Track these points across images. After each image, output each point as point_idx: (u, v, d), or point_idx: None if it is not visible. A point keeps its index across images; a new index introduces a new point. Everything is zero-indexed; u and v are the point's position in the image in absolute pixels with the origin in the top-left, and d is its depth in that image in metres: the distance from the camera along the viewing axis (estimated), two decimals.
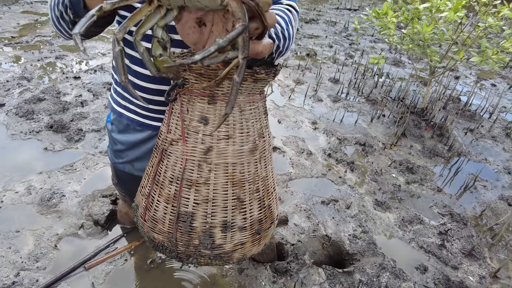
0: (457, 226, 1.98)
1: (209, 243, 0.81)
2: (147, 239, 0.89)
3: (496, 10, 2.42)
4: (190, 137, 0.77)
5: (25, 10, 4.51)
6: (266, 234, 0.92)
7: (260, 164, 0.86)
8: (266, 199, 0.89)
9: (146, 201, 0.85)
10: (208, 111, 0.76)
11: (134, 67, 0.91)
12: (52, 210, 1.71)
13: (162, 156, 0.81)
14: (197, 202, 0.79)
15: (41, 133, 2.23)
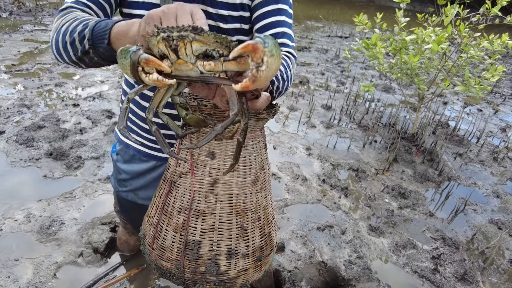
0: (450, 250, 2.03)
1: (214, 270, 0.86)
2: (154, 266, 0.93)
3: (476, 42, 2.57)
4: (198, 170, 0.84)
5: (26, 38, 4.62)
6: (266, 261, 0.97)
7: (261, 194, 0.92)
8: (267, 227, 0.95)
9: (155, 230, 0.90)
10: (215, 147, 0.83)
11: (143, 103, 0.98)
12: (51, 238, 1.72)
13: (171, 188, 0.87)
14: (204, 231, 0.85)
15: (40, 160, 2.26)
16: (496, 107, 4.40)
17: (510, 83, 5.56)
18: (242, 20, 0.93)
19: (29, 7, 5.94)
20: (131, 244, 1.66)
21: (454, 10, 2.58)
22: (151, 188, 1.13)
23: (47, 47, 4.39)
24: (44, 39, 4.68)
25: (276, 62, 0.48)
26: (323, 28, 7.91)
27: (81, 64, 0.78)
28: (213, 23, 0.90)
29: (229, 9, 0.89)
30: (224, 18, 0.90)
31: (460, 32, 2.53)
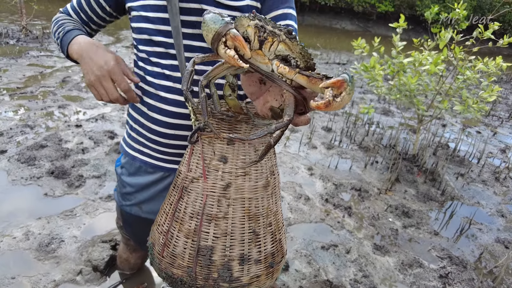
0: (457, 269, 1.98)
1: (227, 276, 0.84)
2: (164, 275, 0.90)
3: (472, 64, 2.64)
4: (211, 174, 0.84)
5: (31, 63, 4.72)
6: (277, 268, 0.95)
7: (272, 199, 0.92)
8: (277, 233, 0.94)
9: (165, 237, 0.88)
10: (227, 151, 0.84)
11: (152, 114, 0.97)
12: (50, 256, 1.68)
13: (182, 193, 0.87)
14: (217, 236, 0.84)
15: (41, 179, 2.25)
16: (494, 129, 4.45)
17: (506, 107, 5.65)
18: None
19: (36, 35, 6.12)
20: (132, 262, 1.62)
21: (448, 34, 2.67)
22: (156, 201, 1.11)
23: (52, 71, 4.49)
24: (49, 64, 4.79)
25: (349, 99, 0.54)
26: (321, 55, 8.13)
27: None
28: None
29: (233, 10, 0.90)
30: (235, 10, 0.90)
31: (455, 54, 2.61)
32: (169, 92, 0.93)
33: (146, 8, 0.88)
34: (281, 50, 0.59)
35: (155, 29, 0.89)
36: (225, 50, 0.56)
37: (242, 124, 0.84)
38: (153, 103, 0.96)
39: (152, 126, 0.97)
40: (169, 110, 0.93)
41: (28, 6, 7.15)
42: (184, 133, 0.96)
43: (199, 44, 0.90)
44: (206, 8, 0.87)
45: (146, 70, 0.95)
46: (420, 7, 12.98)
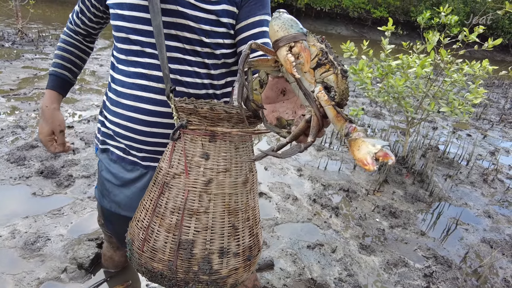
0: (442, 268, 2.00)
1: (207, 269, 0.86)
2: (144, 270, 0.91)
3: (459, 67, 2.69)
4: (192, 170, 0.86)
5: (26, 65, 4.74)
6: (254, 261, 0.97)
7: (250, 195, 0.94)
8: (255, 227, 0.96)
9: (145, 233, 0.90)
10: (209, 148, 0.86)
11: (128, 113, 0.97)
12: (35, 254, 1.69)
13: (163, 189, 0.88)
14: (198, 230, 0.86)
15: (30, 178, 2.26)
16: (484, 133, 4.49)
17: (497, 110, 5.71)
18: (224, 36, 0.95)
19: (32, 38, 6.15)
20: (116, 260, 1.63)
21: (436, 37, 2.72)
22: (135, 199, 1.11)
23: (46, 74, 4.50)
24: (44, 66, 4.81)
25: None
26: None
27: None
28: (196, 37, 0.91)
29: (212, 25, 0.92)
30: (206, 33, 0.92)
31: (442, 57, 2.65)
32: (145, 91, 0.94)
33: (122, 6, 0.90)
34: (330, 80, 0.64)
35: (130, 27, 0.91)
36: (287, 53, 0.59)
37: (224, 122, 0.86)
38: (128, 103, 0.96)
39: (129, 124, 0.98)
40: (145, 108, 0.95)
41: (25, 10, 7.19)
42: (161, 131, 0.98)
43: (174, 44, 0.92)
44: (182, 10, 0.88)
45: (123, 71, 0.97)
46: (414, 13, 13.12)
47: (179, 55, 0.92)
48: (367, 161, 0.56)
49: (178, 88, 0.94)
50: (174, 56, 0.92)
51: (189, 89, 0.94)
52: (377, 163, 0.55)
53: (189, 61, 0.93)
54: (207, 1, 0.90)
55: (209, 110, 0.81)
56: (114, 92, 1.01)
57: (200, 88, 0.95)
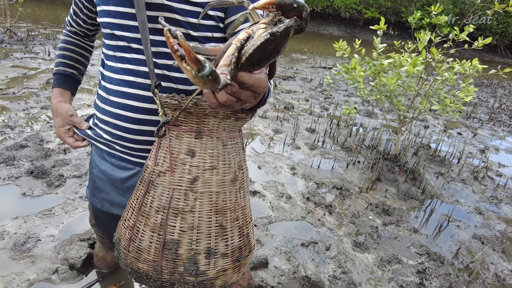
0: (435, 264, 2.02)
1: (193, 270, 0.83)
2: (130, 270, 0.90)
3: (449, 65, 2.72)
4: (178, 168, 0.84)
5: (15, 64, 4.67)
6: (245, 262, 0.95)
7: (239, 194, 0.92)
8: (245, 227, 0.94)
9: (131, 232, 0.88)
10: (195, 145, 0.84)
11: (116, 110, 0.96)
12: (25, 255, 1.66)
13: (149, 187, 0.86)
14: (183, 230, 0.83)
15: (20, 178, 2.22)
16: (474, 131, 4.55)
17: (487, 109, 5.80)
18: (213, 29, 0.93)
19: (21, 37, 6.05)
20: (109, 261, 1.61)
21: (427, 36, 2.75)
22: (127, 197, 1.09)
23: (36, 73, 4.44)
24: (33, 65, 4.74)
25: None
26: (308, 60, 8.21)
27: None
28: (183, 30, 0.89)
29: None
30: (194, 26, 0.90)
31: (433, 56, 2.68)
32: (132, 87, 0.93)
33: (108, 2, 0.89)
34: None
35: (116, 23, 0.90)
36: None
37: (210, 118, 0.84)
38: (116, 99, 0.95)
39: (117, 122, 0.96)
40: (132, 105, 0.93)
41: (14, 9, 7.07)
42: (149, 128, 0.96)
43: (161, 38, 0.90)
44: (167, 3, 0.87)
45: (111, 67, 0.96)
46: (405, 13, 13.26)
47: (167, 50, 0.90)
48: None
49: (166, 84, 0.92)
50: (161, 50, 0.90)
51: (177, 85, 0.92)
52: None
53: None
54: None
55: (194, 105, 0.79)
56: (103, 89, 1.00)
57: (190, 84, 0.93)
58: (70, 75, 1.16)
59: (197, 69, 0.42)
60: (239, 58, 0.51)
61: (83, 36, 1.18)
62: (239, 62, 0.51)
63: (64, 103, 1.13)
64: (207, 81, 0.43)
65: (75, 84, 1.17)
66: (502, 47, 14.10)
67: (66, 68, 1.15)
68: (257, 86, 0.59)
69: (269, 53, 0.52)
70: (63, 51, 1.16)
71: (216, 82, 0.45)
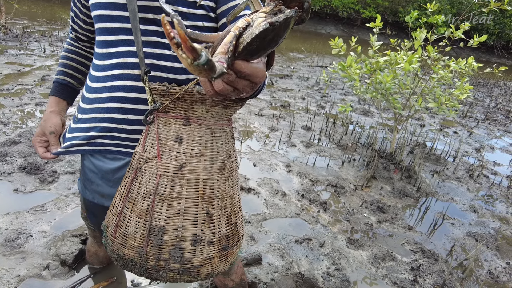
0: (429, 261, 2.02)
1: (179, 257, 0.83)
2: (116, 257, 0.89)
3: (445, 63, 2.72)
4: (165, 154, 0.83)
5: (10, 61, 4.63)
6: (232, 252, 0.94)
7: (228, 183, 0.92)
8: (233, 216, 0.94)
9: (118, 218, 0.88)
10: (183, 132, 0.83)
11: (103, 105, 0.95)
12: (16, 251, 1.64)
13: (136, 173, 0.86)
14: (169, 216, 0.83)
15: (12, 174, 2.20)
16: (470, 130, 4.57)
17: (482, 109, 5.81)
18: (204, 19, 0.93)
19: (16, 33, 6.01)
20: (101, 256, 1.59)
21: (423, 34, 2.75)
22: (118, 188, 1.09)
23: (31, 70, 4.40)
24: (28, 62, 4.70)
25: None
26: (305, 58, 8.21)
27: None
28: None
29: (190, 6, 0.90)
30: (184, 15, 0.90)
31: (429, 53, 2.68)
32: (120, 79, 0.93)
33: None
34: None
35: (108, 14, 0.90)
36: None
37: (198, 105, 0.84)
38: (103, 95, 0.94)
39: (105, 115, 0.95)
40: (121, 96, 0.93)
41: (9, 5, 7.03)
42: (138, 117, 0.96)
43: (151, 28, 0.90)
44: (158, 5, 0.88)
45: (99, 66, 0.96)
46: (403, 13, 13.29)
47: (156, 39, 0.90)
48: None
49: (156, 73, 0.91)
50: (151, 40, 0.90)
51: (167, 74, 0.92)
52: None
53: (167, 45, 0.92)
54: None
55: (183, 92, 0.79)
56: (89, 90, 0.99)
57: (180, 73, 0.93)
58: (67, 84, 1.15)
59: (193, 57, 0.41)
60: (237, 46, 0.50)
61: (85, 42, 1.16)
62: (237, 50, 0.50)
63: (56, 115, 1.11)
64: (203, 70, 0.43)
65: (72, 94, 1.16)
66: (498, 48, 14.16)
67: (64, 77, 1.14)
68: (255, 76, 0.58)
69: (268, 42, 0.52)
70: (63, 60, 1.16)
71: (212, 71, 0.44)
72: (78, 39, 1.16)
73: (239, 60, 0.53)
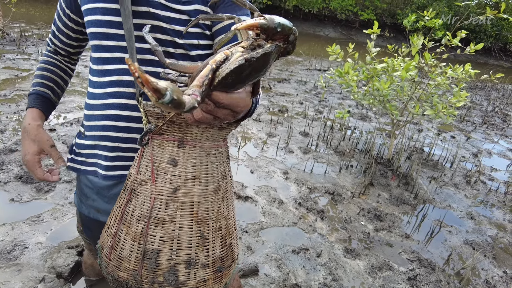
0: (426, 271, 2.02)
1: (173, 280, 0.83)
2: (110, 279, 0.89)
3: (442, 70, 2.72)
4: (159, 177, 0.83)
5: (7, 66, 4.62)
6: (227, 272, 0.94)
7: (223, 204, 0.91)
8: (228, 237, 0.93)
9: (112, 240, 0.87)
10: (177, 154, 0.83)
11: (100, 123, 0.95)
12: (11, 264, 1.64)
13: (131, 196, 0.86)
14: (163, 240, 0.83)
15: (8, 184, 2.19)
16: (468, 134, 4.58)
17: (480, 112, 5.83)
18: (199, 37, 0.93)
19: (14, 37, 5.99)
20: (97, 268, 1.59)
21: (420, 40, 2.75)
22: (112, 204, 1.09)
23: (29, 75, 4.39)
24: (26, 67, 4.69)
25: None
26: (303, 62, 8.22)
27: None
28: (169, 38, 0.90)
29: (184, 25, 0.90)
30: (180, 34, 0.90)
31: (426, 61, 2.68)
32: (115, 97, 0.93)
33: (95, 11, 0.88)
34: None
35: (103, 32, 0.90)
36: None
37: (193, 127, 0.84)
38: (100, 113, 0.95)
39: (101, 133, 0.96)
40: (116, 114, 0.93)
41: (7, 8, 7.02)
42: (133, 136, 0.96)
43: (147, 46, 0.90)
44: (154, 11, 0.87)
45: (96, 83, 0.95)
46: (401, 15, 13.32)
47: (152, 57, 0.91)
48: None
49: None
50: (146, 58, 0.90)
51: None
52: None
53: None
54: (178, 1, 0.89)
55: (177, 114, 0.79)
56: (87, 107, 1.00)
57: None
58: (47, 97, 1.08)
59: (157, 97, 0.42)
60: (213, 79, 0.51)
61: (64, 56, 1.13)
62: (213, 83, 0.51)
63: (42, 128, 1.04)
64: (168, 108, 0.44)
65: (51, 108, 1.10)
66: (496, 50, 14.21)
67: (44, 89, 1.07)
68: (234, 106, 0.58)
69: (245, 77, 0.52)
70: (42, 71, 1.09)
71: (179, 107, 0.45)
72: (57, 53, 1.13)
73: (217, 91, 0.54)
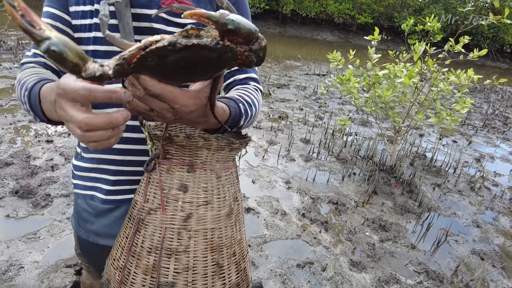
0: (434, 284, 1.97)
1: None
2: None
3: (445, 76, 2.69)
4: (169, 205, 0.78)
5: (3, 75, 4.57)
6: None
7: (235, 228, 0.87)
8: (242, 262, 0.89)
9: (121, 274, 0.82)
10: (187, 179, 0.78)
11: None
12: (6, 285, 1.58)
13: (139, 226, 0.80)
14: (178, 271, 0.78)
15: (4, 199, 2.13)
16: (469, 139, 4.54)
17: (480, 116, 5.80)
18: None
19: (10, 46, 5.95)
20: None
21: (422, 47, 2.72)
22: (113, 227, 1.04)
23: None
24: None
25: None
26: (302, 66, 8.20)
27: None
28: None
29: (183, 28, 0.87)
30: (183, 26, 0.86)
31: (429, 67, 2.65)
32: None
33: (91, 28, 0.84)
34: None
35: (104, 50, 0.85)
36: None
37: (203, 150, 0.80)
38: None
39: (102, 156, 0.92)
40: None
41: (3, 16, 6.97)
42: (136, 158, 0.91)
43: None
44: (156, 26, 0.83)
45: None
46: (398, 18, 13.36)
47: None
48: None
49: None
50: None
51: None
52: None
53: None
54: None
55: (186, 138, 0.75)
56: None
57: None
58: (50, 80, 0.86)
59: (37, 41, 0.39)
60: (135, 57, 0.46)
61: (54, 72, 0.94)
62: (132, 62, 0.46)
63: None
64: (51, 56, 0.40)
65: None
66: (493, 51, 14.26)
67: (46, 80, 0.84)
68: (170, 99, 0.53)
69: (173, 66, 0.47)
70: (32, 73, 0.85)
71: (68, 67, 0.41)
72: (46, 66, 0.94)
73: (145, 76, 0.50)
